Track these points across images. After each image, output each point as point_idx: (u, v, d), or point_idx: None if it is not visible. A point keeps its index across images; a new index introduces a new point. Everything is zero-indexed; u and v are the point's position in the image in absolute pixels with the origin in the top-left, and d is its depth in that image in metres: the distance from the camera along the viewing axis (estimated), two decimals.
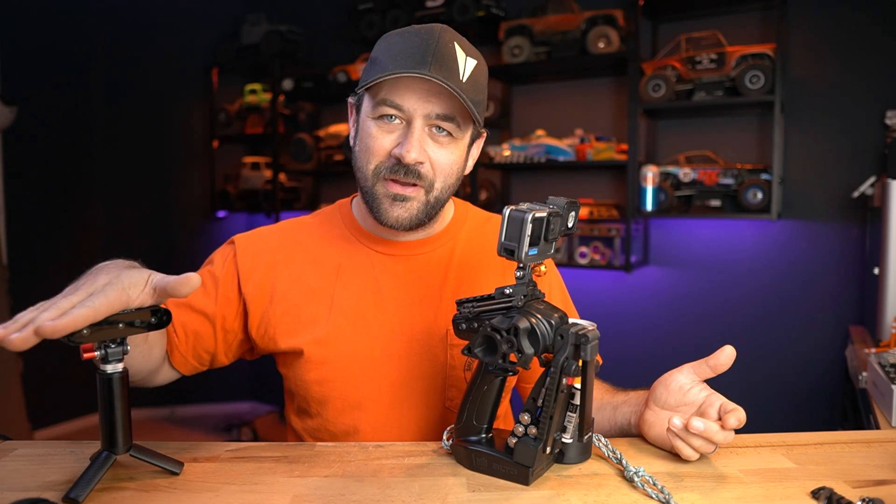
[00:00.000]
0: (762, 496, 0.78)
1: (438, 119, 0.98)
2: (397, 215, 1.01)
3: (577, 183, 3.31)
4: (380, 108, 0.99)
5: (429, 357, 1.07)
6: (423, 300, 1.09)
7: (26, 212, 3.58)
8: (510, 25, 3.14)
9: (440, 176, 1.02)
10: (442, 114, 0.98)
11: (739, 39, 2.80)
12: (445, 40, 0.97)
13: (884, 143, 2.59)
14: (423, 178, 1.00)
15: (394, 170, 0.99)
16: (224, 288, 1.08)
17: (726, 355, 0.89)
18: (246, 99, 4.03)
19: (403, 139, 0.98)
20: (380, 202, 1.01)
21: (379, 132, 1.00)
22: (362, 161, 1.02)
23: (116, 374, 0.78)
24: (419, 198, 1.01)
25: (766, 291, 2.89)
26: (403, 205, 1.01)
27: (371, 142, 1.00)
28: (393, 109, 0.98)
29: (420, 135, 0.98)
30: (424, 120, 0.98)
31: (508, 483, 0.82)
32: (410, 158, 0.97)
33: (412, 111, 0.97)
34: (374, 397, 1.07)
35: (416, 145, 0.97)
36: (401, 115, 0.98)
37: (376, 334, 1.07)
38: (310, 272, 1.09)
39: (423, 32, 0.98)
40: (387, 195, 1.01)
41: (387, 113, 0.98)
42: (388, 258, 1.10)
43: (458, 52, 0.98)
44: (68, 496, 0.74)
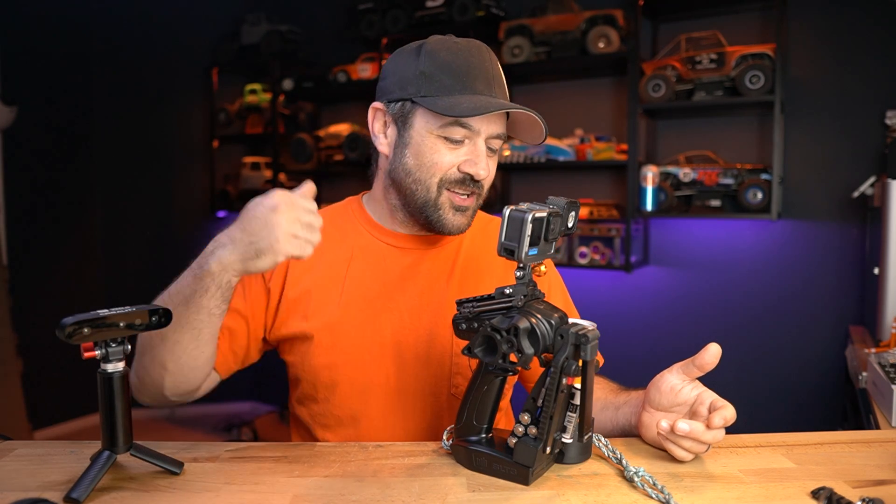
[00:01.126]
0: (762, 496, 0.78)
1: (496, 138, 1.08)
2: (459, 223, 1.10)
3: (577, 183, 3.31)
4: (450, 128, 1.04)
5: (435, 345, 1.10)
6: (430, 291, 1.13)
7: (26, 212, 3.58)
8: (510, 25, 3.14)
9: (488, 184, 1.12)
10: (498, 134, 1.08)
11: (739, 39, 2.80)
12: (494, 61, 1.08)
13: (884, 143, 2.59)
14: (482, 188, 1.11)
15: (461, 183, 1.07)
16: (251, 283, 1.12)
17: (711, 353, 0.89)
18: (246, 99, 4.03)
19: (472, 157, 1.06)
20: (443, 212, 1.09)
21: (445, 149, 1.06)
22: (424, 174, 1.07)
23: (117, 374, 0.78)
24: (473, 205, 1.11)
25: (766, 291, 2.89)
26: (464, 213, 1.10)
27: (438, 157, 1.06)
28: (465, 130, 1.05)
29: (485, 151, 1.07)
30: (486, 139, 1.07)
31: (508, 483, 0.82)
32: (482, 175, 1.07)
33: (479, 132, 1.06)
34: (381, 382, 1.10)
35: (485, 162, 1.07)
36: (467, 135, 1.06)
37: (385, 321, 1.10)
38: (321, 261, 1.12)
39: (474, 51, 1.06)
40: (451, 205, 1.09)
41: (456, 133, 1.05)
42: (397, 250, 1.15)
43: (500, 69, 1.09)
44: (69, 496, 0.74)
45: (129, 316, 0.78)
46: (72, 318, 0.73)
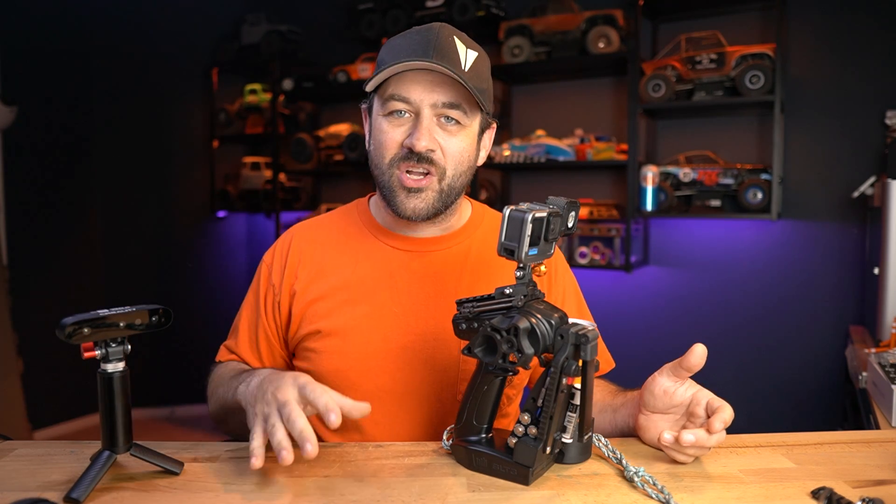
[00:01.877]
0: (762, 496, 0.78)
1: (445, 108, 1.03)
2: (414, 206, 1.05)
3: (577, 183, 3.31)
4: (388, 104, 1.04)
5: (442, 351, 1.09)
6: (438, 296, 1.11)
7: (26, 212, 3.58)
8: (510, 25, 3.14)
9: (451, 163, 1.06)
10: (448, 102, 1.03)
11: (739, 39, 2.80)
12: (445, 34, 1.03)
13: (884, 143, 2.59)
14: (435, 164, 1.04)
15: (406, 158, 1.03)
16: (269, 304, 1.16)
17: (697, 355, 0.88)
18: (246, 99, 4.03)
19: (413, 129, 1.03)
20: (395, 194, 1.06)
21: (389, 127, 1.05)
22: (377, 157, 1.07)
23: (117, 374, 0.78)
24: (433, 187, 1.05)
25: (765, 291, 2.89)
26: (419, 195, 1.05)
27: (383, 136, 1.05)
28: (401, 103, 1.03)
29: (429, 123, 1.03)
30: (432, 109, 1.03)
31: (508, 483, 0.82)
32: (421, 146, 1.02)
33: (419, 102, 1.02)
34: (388, 388, 1.09)
35: (426, 133, 1.02)
36: (409, 108, 1.03)
37: (392, 327, 1.09)
38: (328, 268, 1.13)
39: (423, 30, 1.04)
40: (402, 187, 1.05)
41: (396, 108, 1.03)
42: (404, 254, 1.14)
43: (459, 44, 1.03)
44: (70, 496, 0.74)
45: (129, 316, 0.78)
46: (72, 318, 0.73)
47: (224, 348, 1.21)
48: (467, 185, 1.12)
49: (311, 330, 1.10)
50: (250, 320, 1.18)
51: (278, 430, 0.77)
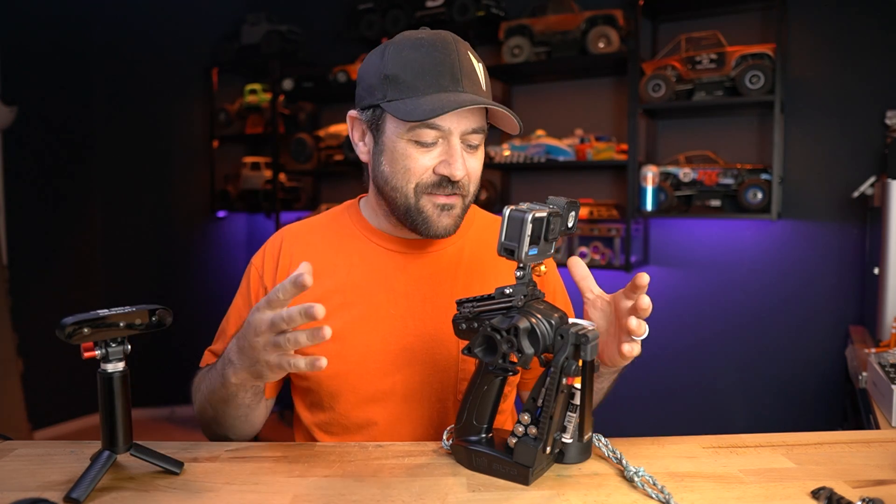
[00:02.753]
0: (762, 496, 0.78)
1: (470, 134, 1.03)
2: (445, 224, 1.05)
3: (577, 183, 3.31)
4: (418, 131, 1.00)
5: (441, 351, 1.09)
6: (434, 296, 1.11)
7: (26, 212, 3.58)
8: (510, 25, 3.14)
9: (473, 181, 1.07)
10: (476, 128, 1.03)
11: (739, 39, 2.80)
12: (463, 53, 1.01)
13: (884, 143, 2.59)
14: (464, 187, 1.05)
15: (439, 185, 1.03)
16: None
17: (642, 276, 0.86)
18: (246, 99, 4.03)
19: (446, 157, 1.01)
20: (427, 216, 1.04)
21: (418, 153, 1.02)
22: (400, 181, 1.03)
23: (117, 374, 0.78)
24: (459, 204, 1.06)
25: (766, 291, 2.89)
26: (449, 213, 1.05)
27: (410, 163, 1.02)
28: (434, 132, 1.00)
29: (461, 150, 1.02)
30: (460, 136, 1.02)
31: (508, 483, 0.82)
32: (460, 175, 1.01)
33: (450, 130, 1.01)
34: (386, 391, 1.09)
35: (461, 162, 1.01)
36: (439, 136, 1.01)
37: (389, 329, 1.09)
38: (321, 270, 1.12)
39: (439, 45, 1.00)
40: (434, 207, 1.04)
41: (427, 137, 1.01)
42: (399, 255, 1.13)
43: (474, 62, 1.03)
44: (70, 496, 0.74)
45: (129, 316, 0.78)
46: (72, 318, 0.73)
47: (209, 353, 1.18)
48: None
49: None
50: (238, 325, 1.13)
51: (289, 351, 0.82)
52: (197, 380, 1.12)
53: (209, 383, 1.02)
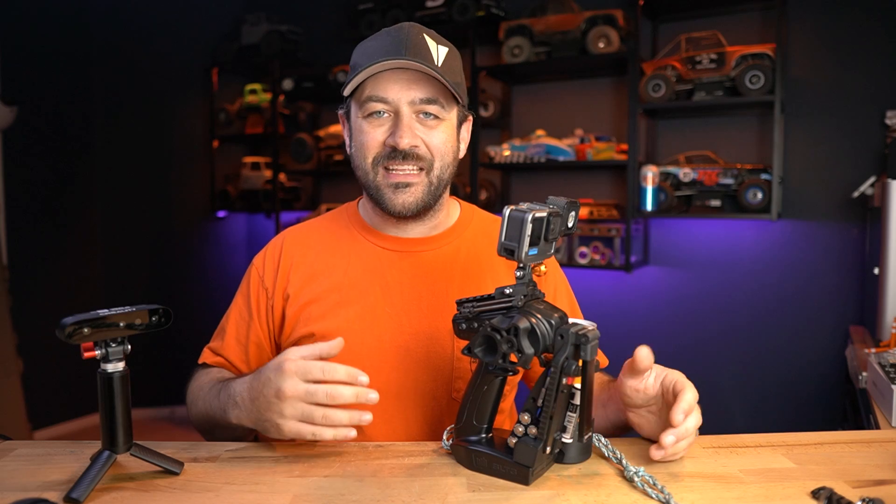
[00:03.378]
0: (762, 496, 0.78)
1: (423, 103, 1.05)
2: (403, 201, 1.07)
3: (577, 183, 3.31)
4: (367, 105, 1.05)
5: (436, 349, 1.10)
6: (430, 295, 1.12)
7: (26, 212, 3.58)
8: (510, 25, 3.14)
9: (437, 156, 1.08)
10: (425, 97, 1.04)
11: (739, 39, 2.80)
12: (416, 32, 1.04)
13: (884, 143, 2.59)
14: (421, 158, 1.06)
15: (390, 157, 1.05)
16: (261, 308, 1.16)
17: (642, 359, 0.87)
18: (246, 99, 4.03)
19: (395, 128, 1.04)
20: (382, 192, 1.07)
21: (370, 127, 1.06)
22: (359, 158, 1.09)
23: (117, 374, 0.78)
24: (421, 181, 1.07)
25: (766, 291, 2.89)
26: (407, 190, 1.07)
27: (364, 137, 1.07)
28: (380, 104, 1.04)
29: (409, 121, 1.05)
30: (410, 106, 1.04)
31: (508, 483, 0.82)
32: (405, 144, 1.03)
33: (397, 100, 1.04)
34: (382, 388, 1.08)
35: (407, 130, 1.04)
36: (387, 108, 1.05)
37: (385, 327, 1.10)
38: (319, 270, 1.14)
39: (393, 30, 1.06)
40: (388, 185, 1.07)
41: (374, 109, 1.05)
42: (395, 254, 1.14)
43: (430, 41, 1.05)
44: (70, 496, 0.74)
45: (129, 316, 0.78)
46: (72, 318, 0.73)
47: (208, 351, 1.19)
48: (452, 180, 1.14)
49: (305, 333, 1.11)
50: (239, 323, 1.17)
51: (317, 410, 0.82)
52: (195, 386, 1.11)
53: (207, 404, 1.03)
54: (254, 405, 0.88)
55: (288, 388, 0.82)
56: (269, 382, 0.85)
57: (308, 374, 0.82)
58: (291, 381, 0.82)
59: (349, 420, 0.81)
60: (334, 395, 0.81)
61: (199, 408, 1.06)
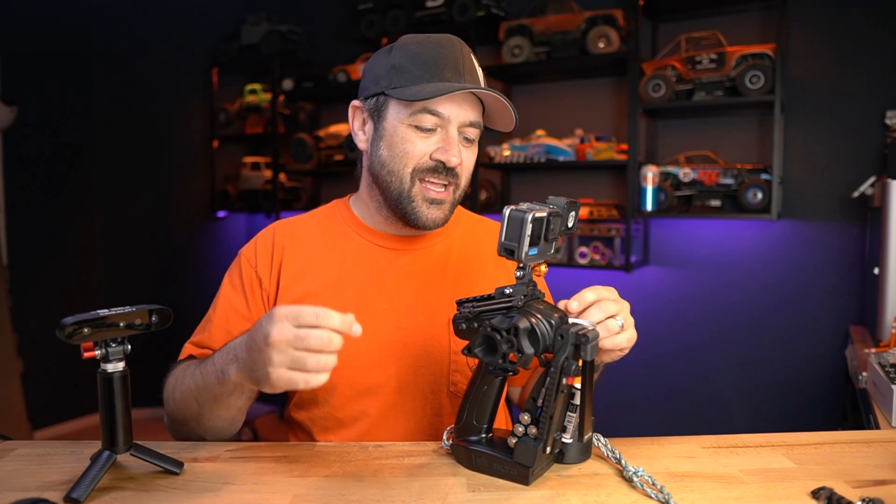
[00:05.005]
0: (762, 496, 0.78)
1: (469, 126, 1.08)
2: (434, 216, 1.09)
3: (577, 183, 3.31)
4: (420, 115, 1.05)
5: (433, 343, 1.11)
6: (425, 290, 1.14)
7: (26, 212, 3.58)
8: (510, 25, 3.14)
9: (465, 175, 1.12)
10: (473, 121, 1.08)
11: (739, 39, 2.80)
12: (466, 53, 1.09)
13: (884, 143, 2.59)
14: (457, 177, 1.09)
15: (433, 170, 1.07)
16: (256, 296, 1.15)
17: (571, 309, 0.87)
18: (246, 99, 4.03)
19: (444, 144, 1.06)
20: (416, 204, 1.08)
21: (418, 138, 1.07)
22: (397, 164, 1.08)
23: (117, 373, 0.78)
24: (449, 198, 1.10)
25: (766, 291, 2.89)
26: (440, 206, 1.10)
27: (409, 146, 1.07)
28: (435, 118, 1.05)
29: (458, 140, 1.08)
30: (458, 127, 1.07)
31: (508, 483, 0.82)
32: (454, 163, 1.06)
33: (450, 118, 1.06)
34: (380, 383, 1.10)
35: (458, 150, 1.07)
36: (438, 123, 1.06)
37: (381, 322, 1.11)
38: (313, 265, 1.14)
39: (445, 44, 1.07)
40: (423, 198, 1.08)
41: (429, 123, 1.06)
42: (390, 251, 1.16)
43: (476, 64, 1.10)
44: (70, 496, 0.74)
45: (129, 316, 0.78)
46: (72, 318, 0.73)
47: (191, 345, 1.14)
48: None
49: None
50: (228, 314, 1.13)
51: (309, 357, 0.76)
52: (177, 372, 1.04)
53: (199, 378, 0.96)
54: (249, 355, 0.82)
55: (276, 332, 0.75)
56: (259, 328, 0.79)
57: (299, 319, 0.76)
58: (280, 324, 0.76)
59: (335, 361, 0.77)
60: (327, 341, 0.75)
61: (187, 387, 0.98)
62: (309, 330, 0.75)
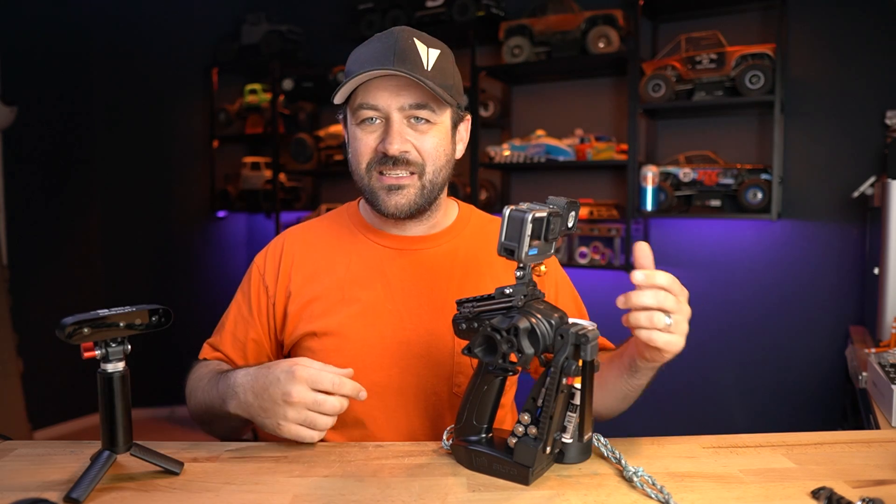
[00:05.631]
0: (762, 496, 0.78)
1: (413, 109, 1.07)
2: (395, 202, 1.09)
3: (577, 183, 3.31)
4: (358, 112, 1.08)
5: (437, 345, 1.11)
6: (430, 291, 1.14)
7: (26, 212, 3.58)
8: (510, 25, 3.14)
9: (429, 160, 1.09)
10: (414, 103, 1.06)
11: (739, 39, 2.80)
12: (404, 38, 1.06)
13: (884, 143, 2.59)
14: (412, 164, 1.08)
15: (382, 162, 1.08)
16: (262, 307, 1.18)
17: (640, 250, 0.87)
18: (246, 99, 4.03)
19: (385, 135, 1.07)
20: (377, 194, 1.10)
21: (363, 134, 1.09)
22: (355, 163, 1.11)
23: (117, 374, 0.78)
24: (413, 184, 1.09)
25: (766, 291, 2.89)
26: (399, 192, 1.09)
27: (358, 144, 1.09)
28: (370, 111, 1.07)
29: (399, 127, 1.07)
30: (400, 112, 1.07)
31: (508, 483, 0.82)
32: (394, 150, 1.06)
33: (387, 107, 1.06)
34: (384, 384, 1.11)
35: (397, 137, 1.06)
36: (378, 115, 1.07)
37: (386, 323, 1.12)
38: (321, 268, 1.16)
39: (383, 36, 1.07)
40: (381, 187, 1.09)
41: (366, 116, 1.08)
42: (395, 252, 1.16)
43: (419, 45, 1.06)
44: (70, 496, 0.74)
45: (129, 316, 0.78)
46: (72, 318, 0.73)
47: (207, 346, 1.21)
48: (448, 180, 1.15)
49: (307, 331, 1.12)
50: (237, 320, 1.19)
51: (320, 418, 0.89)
52: (194, 378, 1.13)
53: (206, 396, 1.05)
54: (256, 400, 0.91)
55: (296, 393, 0.86)
56: (277, 383, 0.88)
57: (318, 384, 0.87)
58: (301, 387, 0.87)
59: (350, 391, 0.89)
60: (340, 407, 0.88)
61: (198, 398, 1.08)
62: (326, 397, 0.88)
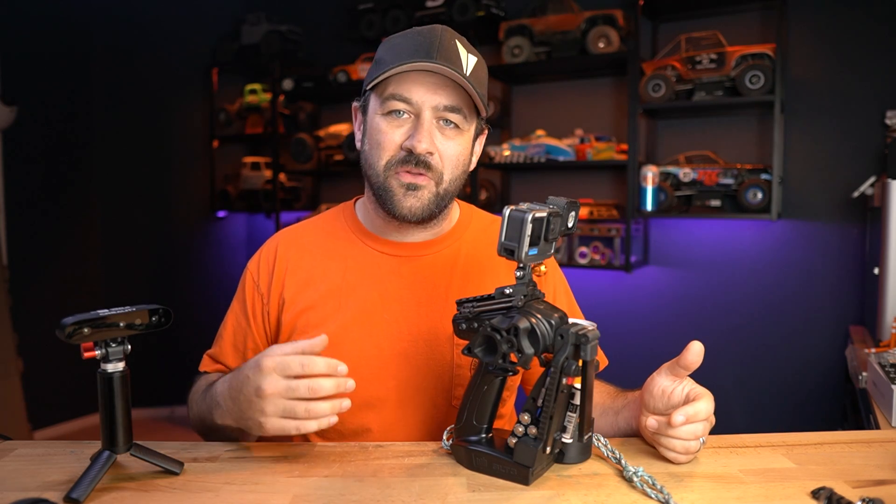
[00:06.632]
0: (762, 496, 0.78)
1: (446, 111, 1.02)
2: (410, 205, 1.03)
3: (577, 183, 3.31)
4: (388, 103, 1.02)
5: (435, 356, 1.08)
6: (429, 300, 1.10)
7: (26, 212, 3.58)
8: (510, 25, 3.14)
9: (448, 167, 1.05)
10: (449, 105, 1.01)
11: (739, 39, 2.80)
12: (448, 37, 1.01)
13: (884, 143, 2.59)
14: (432, 168, 1.03)
15: (405, 161, 1.02)
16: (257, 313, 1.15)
17: (694, 353, 0.88)
18: (246, 99, 4.03)
19: (413, 131, 1.01)
20: (393, 193, 1.04)
21: (388, 127, 1.03)
22: (373, 157, 1.05)
23: (117, 374, 0.78)
24: (430, 188, 1.04)
25: (766, 291, 2.89)
26: (416, 194, 1.03)
27: (381, 137, 1.03)
28: (402, 103, 1.01)
29: (429, 126, 1.01)
30: (433, 112, 1.01)
31: (508, 483, 0.82)
32: (421, 149, 1.00)
33: (421, 103, 1.01)
34: (381, 396, 1.07)
35: (427, 136, 1.01)
36: (409, 109, 1.02)
37: (383, 334, 1.08)
38: (316, 275, 1.11)
39: (425, 31, 1.02)
40: (400, 185, 1.03)
41: (396, 108, 1.01)
42: (393, 259, 1.12)
43: (461, 48, 1.02)
44: (70, 496, 0.74)
45: (129, 316, 0.78)
46: (72, 318, 0.73)
47: (207, 358, 1.17)
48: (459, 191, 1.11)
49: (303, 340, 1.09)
50: (236, 329, 1.15)
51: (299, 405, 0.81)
52: (194, 391, 1.10)
53: (199, 409, 1.03)
54: (235, 404, 0.88)
55: (267, 385, 0.81)
56: (247, 381, 0.84)
57: (287, 370, 0.81)
58: (270, 378, 0.81)
59: (331, 410, 0.81)
60: (316, 389, 0.80)
61: (195, 412, 1.06)
62: (298, 381, 0.81)
